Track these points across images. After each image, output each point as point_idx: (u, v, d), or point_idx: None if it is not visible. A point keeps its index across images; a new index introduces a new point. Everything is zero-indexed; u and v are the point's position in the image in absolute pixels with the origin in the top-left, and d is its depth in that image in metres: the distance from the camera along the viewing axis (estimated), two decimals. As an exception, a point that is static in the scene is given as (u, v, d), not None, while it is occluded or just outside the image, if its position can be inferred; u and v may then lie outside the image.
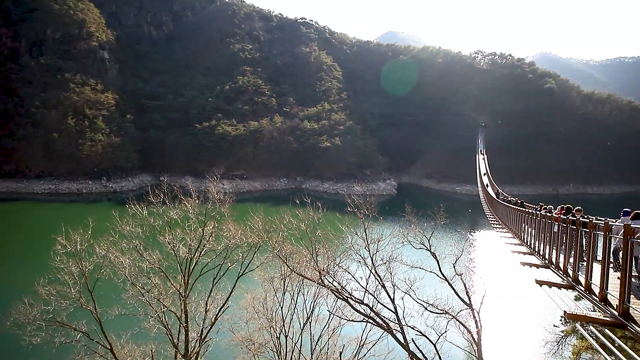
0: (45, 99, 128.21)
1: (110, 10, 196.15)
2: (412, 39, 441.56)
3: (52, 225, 62.02)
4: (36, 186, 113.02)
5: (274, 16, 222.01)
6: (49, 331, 20.01)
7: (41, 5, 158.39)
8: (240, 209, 25.57)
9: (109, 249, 20.94)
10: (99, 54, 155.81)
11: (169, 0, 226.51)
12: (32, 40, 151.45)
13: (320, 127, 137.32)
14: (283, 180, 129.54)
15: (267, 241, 22.14)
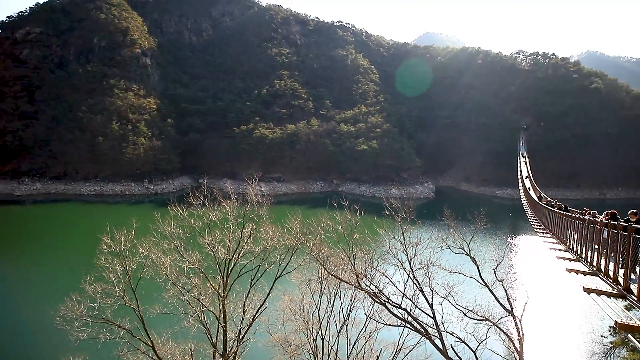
0: (91, 104, 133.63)
1: (152, 18, 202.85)
2: (450, 40, 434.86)
3: (98, 225, 64.51)
4: (83, 188, 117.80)
5: (311, 20, 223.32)
6: (95, 327, 20.71)
7: (89, 15, 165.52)
8: (278, 211, 25.76)
9: (151, 249, 21.52)
10: (142, 60, 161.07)
11: (209, 6, 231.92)
12: (80, 48, 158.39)
13: (356, 130, 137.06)
14: (319, 183, 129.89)
15: (305, 244, 22.19)
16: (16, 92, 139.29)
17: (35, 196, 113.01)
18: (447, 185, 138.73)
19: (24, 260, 67.51)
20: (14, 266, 65.33)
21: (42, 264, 65.32)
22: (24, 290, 56.48)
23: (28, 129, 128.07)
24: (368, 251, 22.71)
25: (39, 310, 44.63)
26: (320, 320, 24.14)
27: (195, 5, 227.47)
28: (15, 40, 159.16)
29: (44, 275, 60.33)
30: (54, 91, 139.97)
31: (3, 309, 47.99)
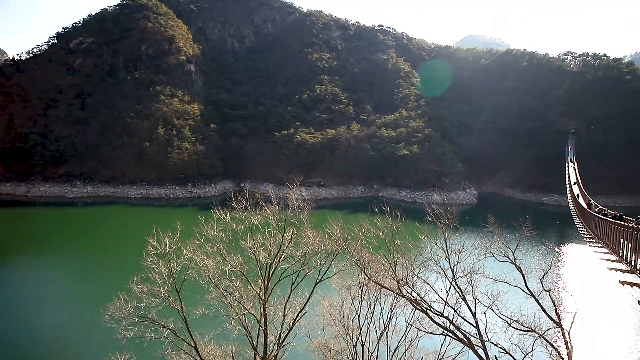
0: (138, 111, 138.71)
1: (197, 26, 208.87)
2: (494, 43, 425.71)
3: (144, 227, 66.69)
4: (130, 191, 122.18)
5: (352, 25, 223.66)
6: (141, 327, 21.36)
7: (137, 24, 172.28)
8: (319, 216, 25.83)
9: (195, 251, 22.03)
10: (187, 67, 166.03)
11: (251, 13, 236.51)
12: (129, 56, 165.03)
13: (397, 134, 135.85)
14: (360, 188, 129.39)
15: (345, 249, 22.12)
16: (70, 100, 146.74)
17: (86, 198, 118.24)
18: (490, 191, 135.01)
19: (76, 260, 70.68)
20: (67, 265, 68.52)
21: (93, 263, 68.16)
22: (75, 288, 59.14)
23: (80, 134, 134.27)
24: (409, 257, 22.38)
25: (89, 308, 46.58)
26: (360, 327, 23.99)
27: (237, 12, 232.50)
28: (69, 50, 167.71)
29: (94, 274, 62.91)
30: (104, 98, 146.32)
31: (57, 307, 50.30)
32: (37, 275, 63.70)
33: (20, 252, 73.19)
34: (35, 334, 43.01)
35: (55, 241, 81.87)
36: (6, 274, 61.63)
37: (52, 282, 61.53)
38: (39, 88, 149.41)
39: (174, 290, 21.39)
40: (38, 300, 51.78)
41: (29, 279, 61.53)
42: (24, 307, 49.04)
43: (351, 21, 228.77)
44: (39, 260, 70.56)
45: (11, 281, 59.30)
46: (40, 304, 50.44)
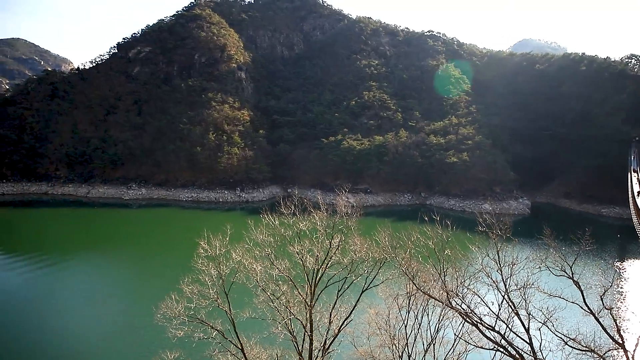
0: (191, 116, 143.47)
1: (248, 34, 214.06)
2: (550, 47, 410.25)
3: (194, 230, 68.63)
4: (181, 194, 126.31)
5: (401, 31, 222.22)
6: (190, 327, 21.91)
7: (191, 34, 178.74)
8: (367, 223, 25.66)
9: (243, 255, 22.39)
10: (237, 74, 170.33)
11: (300, 21, 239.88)
12: (183, 64, 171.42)
13: (446, 141, 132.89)
14: (407, 196, 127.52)
15: (394, 257, 21.79)
16: (128, 106, 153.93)
17: (140, 200, 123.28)
18: (545, 202, 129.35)
19: (131, 258, 73.75)
20: (123, 263, 71.60)
21: (146, 262, 70.88)
22: (130, 285, 61.67)
23: (136, 139, 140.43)
24: (459, 268, 21.78)
25: (143, 306, 48.35)
26: (406, 337, 23.55)
27: (287, 20, 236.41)
28: (128, 59, 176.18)
29: (148, 273, 65.38)
30: (159, 104, 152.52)
31: (112, 302, 52.56)
32: (96, 271, 66.98)
33: (81, 250, 77.25)
34: (92, 327, 45.12)
35: (112, 240, 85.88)
36: (67, 270, 65.08)
37: (109, 278, 64.49)
38: (101, 95, 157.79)
39: (223, 292, 21.79)
40: (95, 295, 54.33)
41: (88, 275, 64.78)
42: (82, 302, 51.60)
43: (400, 27, 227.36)
44: (97, 257, 74.21)
45: (72, 276, 62.59)
46: (97, 299, 52.89)
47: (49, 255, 72.45)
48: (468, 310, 20.09)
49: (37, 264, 67.79)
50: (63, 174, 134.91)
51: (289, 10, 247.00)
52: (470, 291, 20.85)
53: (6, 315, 47.52)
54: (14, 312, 48.75)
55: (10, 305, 50.50)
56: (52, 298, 53.02)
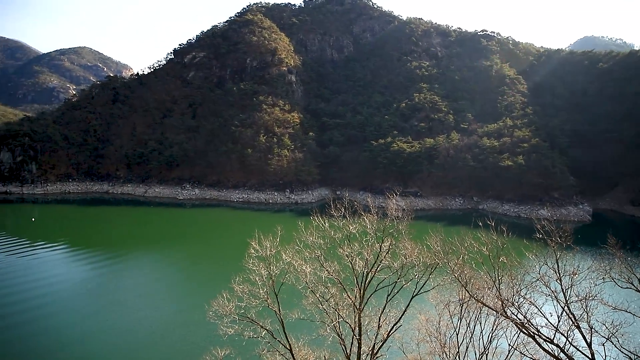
0: (242, 119, 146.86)
1: (298, 38, 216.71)
2: (615, 44, 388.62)
3: (245, 230, 69.87)
4: (233, 195, 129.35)
5: (453, 31, 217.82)
6: (241, 325, 22.27)
7: (243, 38, 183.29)
8: (417, 227, 25.13)
9: (293, 256, 22.53)
10: (288, 77, 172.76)
11: (350, 24, 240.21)
12: (235, 68, 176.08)
13: (501, 144, 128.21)
14: (458, 200, 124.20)
15: (446, 263, 21.24)
16: (183, 109, 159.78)
17: (193, 200, 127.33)
18: (607, 208, 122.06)
19: (185, 256, 76.15)
20: (177, 260, 74.03)
21: (199, 261, 73.00)
22: (184, 282, 63.68)
23: (191, 141, 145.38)
24: (515, 276, 20.90)
25: (195, 303, 49.81)
26: (458, 345, 22.88)
27: (337, 23, 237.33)
28: (184, 64, 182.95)
29: (200, 271, 67.29)
30: (212, 108, 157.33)
31: (167, 298, 54.45)
32: (151, 268, 69.70)
33: (138, 247, 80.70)
34: (145, 321, 46.87)
35: (166, 238, 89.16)
36: (125, 265, 68.08)
37: (163, 275, 66.94)
38: (158, 99, 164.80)
39: (273, 292, 22.00)
40: (150, 291, 56.51)
41: (144, 271, 67.51)
42: (137, 296, 53.77)
43: (452, 27, 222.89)
44: (152, 254, 77.26)
45: (128, 272, 65.42)
46: (151, 295, 54.98)
47: (108, 251, 76.25)
48: (524, 320, 19.27)
49: (97, 259, 71.53)
50: (122, 174, 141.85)
51: (338, 13, 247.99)
52: (527, 301, 19.97)
53: (67, 307, 50.32)
54: (74, 303, 51.57)
55: (71, 297, 53.45)
56: (110, 292, 55.58)
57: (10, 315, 46.89)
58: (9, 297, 52.06)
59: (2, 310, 48.04)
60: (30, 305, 49.62)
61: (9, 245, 76.34)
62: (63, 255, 73.82)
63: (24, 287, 55.58)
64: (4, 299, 51.36)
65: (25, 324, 45.28)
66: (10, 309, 48.64)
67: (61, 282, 59.13)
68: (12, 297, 51.79)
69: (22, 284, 56.77)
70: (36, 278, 59.56)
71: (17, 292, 53.69)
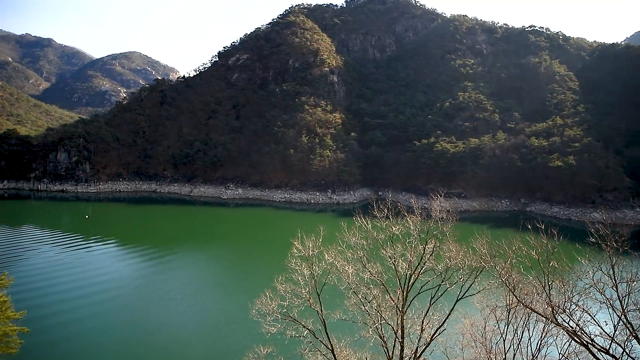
0: (285, 120, 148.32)
1: (340, 38, 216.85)
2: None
3: (287, 229, 70.63)
4: (275, 195, 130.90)
5: (499, 27, 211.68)
6: (283, 324, 22.47)
7: (285, 40, 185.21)
8: (462, 229, 24.57)
9: (336, 257, 22.49)
10: (329, 78, 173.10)
11: (392, 23, 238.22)
12: (278, 70, 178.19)
13: (550, 144, 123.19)
14: (505, 201, 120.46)
15: (492, 266, 20.59)
16: (227, 111, 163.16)
17: (237, 200, 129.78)
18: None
19: (229, 254, 77.73)
20: (221, 258, 75.68)
21: (243, 259, 74.25)
22: (227, 280, 64.94)
23: (234, 141, 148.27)
24: (566, 282, 20.02)
25: (238, 301, 50.73)
26: (504, 352, 22.16)
27: (379, 23, 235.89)
28: (228, 67, 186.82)
29: (243, 269, 68.41)
30: (255, 109, 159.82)
31: (209, 297, 55.68)
32: (195, 265, 71.52)
33: (183, 244, 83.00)
34: (188, 318, 48.07)
35: (211, 237, 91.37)
36: (171, 262, 70.16)
37: (207, 272, 68.55)
38: (203, 101, 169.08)
39: (315, 292, 22.05)
40: (194, 288, 57.95)
41: (188, 268, 69.33)
42: (182, 293, 55.25)
43: (498, 24, 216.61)
44: (197, 252, 79.24)
45: (174, 269, 67.35)
46: (195, 291, 56.36)
47: (155, 248, 78.86)
48: (576, 328, 18.43)
49: (145, 255, 74.15)
50: (169, 174, 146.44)
51: (380, 13, 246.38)
52: (579, 308, 19.09)
53: (118, 302, 52.34)
54: (125, 298, 53.57)
55: (122, 292, 55.56)
56: (157, 288, 57.38)
57: (65, 312, 49.24)
58: (64, 293, 54.69)
59: (55, 306, 50.48)
60: (85, 302, 51.90)
61: (65, 241, 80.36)
62: (114, 251, 76.99)
63: (77, 283, 58.29)
64: (59, 295, 54.03)
65: (78, 319, 47.45)
66: (64, 305, 51.08)
67: (112, 277, 61.65)
68: (67, 294, 54.37)
69: (76, 280, 59.55)
70: (89, 275, 62.37)
71: (71, 289, 56.35)
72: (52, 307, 49.14)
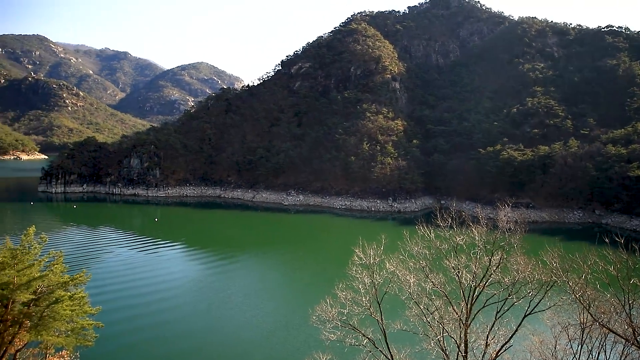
0: (346, 127, 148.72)
1: (402, 44, 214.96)
2: None
3: (348, 237, 70.56)
4: (335, 202, 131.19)
5: (571, 29, 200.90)
6: (343, 331, 22.35)
7: (347, 47, 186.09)
8: (530, 240, 23.41)
9: (397, 266, 22.16)
10: (391, 85, 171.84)
11: (457, 28, 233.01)
12: (339, 77, 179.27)
13: (629, 152, 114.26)
14: (577, 213, 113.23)
15: (565, 281, 19.40)
16: (289, 118, 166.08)
17: (298, 206, 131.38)
18: None
19: (290, 260, 78.75)
20: (282, 263, 76.82)
21: (303, 265, 74.98)
22: (287, 286, 65.81)
23: (296, 148, 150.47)
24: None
25: (298, 307, 51.23)
26: (578, 373, 20.81)
27: (443, 28, 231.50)
28: (290, 75, 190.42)
29: (303, 275, 69.05)
30: (317, 116, 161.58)
31: (269, 301, 56.59)
32: (257, 270, 73.08)
33: (246, 249, 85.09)
34: (249, 322, 49.03)
35: (272, 242, 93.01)
36: (233, 266, 72.14)
37: (268, 277, 69.82)
38: (266, 109, 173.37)
39: (375, 301, 21.80)
40: (255, 292, 59.15)
41: (250, 272, 70.95)
42: (242, 297, 56.58)
43: (571, 25, 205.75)
44: (259, 257, 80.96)
45: (236, 273, 69.18)
46: (256, 296, 57.50)
47: (218, 251, 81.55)
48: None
49: (208, 258, 76.94)
50: (233, 180, 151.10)
51: (444, 18, 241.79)
52: (665, 330, 17.58)
53: (182, 303, 54.52)
54: (189, 299, 55.72)
55: (186, 293, 57.86)
56: (219, 290, 59.16)
57: (134, 309, 51.98)
58: (133, 291, 57.81)
59: (125, 304, 53.38)
60: (151, 301, 54.65)
61: (137, 242, 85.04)
62: (180, 253, 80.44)
63: (146, 282, 61.51)
64: (129, 293, 57.16)
65: (145, 316, 49.95)
66: (133, 303, 53.94)
67: (177, 279, 64.42)
68: (136, 293, 57.46)
69: (145, 280, 62.83)
70: (157, 275, 65.59)
71: (140, 287, 59.53)
72: (123, 304, 52.09)
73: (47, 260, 20.94)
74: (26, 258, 19.59)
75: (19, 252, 19.63)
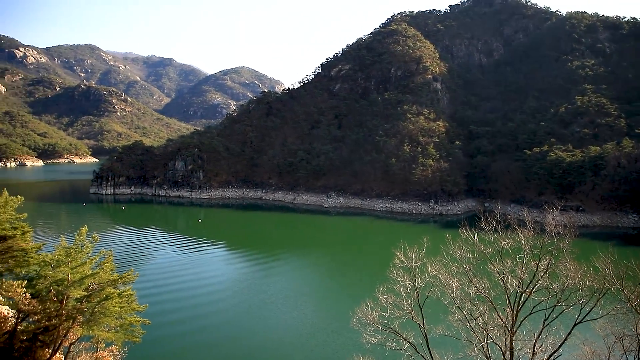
0: (387, 129, 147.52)
1: (443, 44, 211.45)
2: None
3: (389, 239, 69.91)
4: (376, 204, 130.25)
5: (624, 22, 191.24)
6: (384, 335, 22.11)
7: (387, 49, 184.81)
8: (581, 245, 22.39)
9: (440, 270, 21.72)
10: (432, 85, 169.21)
11: (500, 25, 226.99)
12: (379, 79, 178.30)
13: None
14: (632, 217, 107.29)
15: (619, 289, 18.43)
16: (329, 120, 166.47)
17: (338, 208, 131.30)
18: None
19: (330, 262, 78.81)
20: (323, 266, 76.91)
21: (343, 267, 74.88)
22: (327, 288, 65.83)
23: (336, 151, 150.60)
24: None
25: (338, 309, 51.12)
26: (633, 386, 19.70)
27: (486, 26, 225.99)
28: (330, 77, 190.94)
29: (344, 278, 68.94)
30: (357, 118, 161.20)
31: (309, 303, 56.74)
32: (297, 272, 73.45)
33: (286, 251, 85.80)
34: (288, 324, 49.28)
35: (312, 244, 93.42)
36: (273, 268, 72.81)
37: (308, 279, 70.05)
38: (306, 111, 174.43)
39: (417, 305, 21.45)
40: (295, 294, 59.44)
41: (290, 274, 71.37)
42: (283, 299, 56.97)
43: (624, 18, 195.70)
44: (299, 259, 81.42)
45: (276, 274, 69.75)
46: (296, 297, 57.77)
47: (259, 252, 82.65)
48: None
49: (249, 259, 78.11)
50: (274, 182, 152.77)
51: (487, 16, 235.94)
52: None
53: (224, 303, 55.55)
54: (230, 300, 56.69)
55: (227, 294, 58.91)
56: (260, 291, 59.82)
57: (178, 309, 53.31)
58: (178, 291, 59.30)
59: (169, 303, 54.86)
60: (194, 302, 55.79)
61: (181, 243, 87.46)
62: (222, 254, 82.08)
63: (189, 283, 62.95)
64: (174, 292, 58.75)
65: (188, 316, 51.11)
66: (177, 302, 55.35)
67: (219, 279, 65.73)
68: (180, 292, 58.90)
69: (189, 280, 64.44)
70: (200, 275, 67.15)
71: (184, 288, 60.98)
72: (168, 303, 53.51)
73: (98, 259, 21.84)
74: (79, 256, 20.49)
75: (72, 250, 20.56)
